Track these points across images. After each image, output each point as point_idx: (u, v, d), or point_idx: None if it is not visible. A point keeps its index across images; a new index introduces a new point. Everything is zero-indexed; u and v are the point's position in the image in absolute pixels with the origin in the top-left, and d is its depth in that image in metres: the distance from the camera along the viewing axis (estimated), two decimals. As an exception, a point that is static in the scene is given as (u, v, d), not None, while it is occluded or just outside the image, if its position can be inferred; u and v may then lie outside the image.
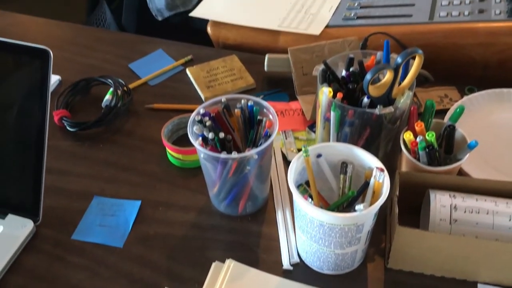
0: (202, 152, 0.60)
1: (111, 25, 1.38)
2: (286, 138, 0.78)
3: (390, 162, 0.70)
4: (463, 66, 0.86)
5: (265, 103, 0.65)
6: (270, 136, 0.61)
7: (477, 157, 0.68)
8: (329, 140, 0.68)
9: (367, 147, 0.66)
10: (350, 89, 0.66)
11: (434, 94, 0.82)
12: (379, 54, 0.68)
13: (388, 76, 0.62)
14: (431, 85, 0.84)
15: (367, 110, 0.62)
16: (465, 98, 0.77)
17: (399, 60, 0.60)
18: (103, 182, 0.73)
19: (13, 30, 1.03)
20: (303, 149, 0.58)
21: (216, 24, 1.01)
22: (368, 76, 0.60)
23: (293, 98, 0.86)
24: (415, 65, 0.62)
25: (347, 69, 0.69)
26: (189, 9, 1.40)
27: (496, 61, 0.84)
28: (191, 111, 0.65)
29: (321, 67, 0.68)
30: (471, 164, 0.66)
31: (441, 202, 0.57)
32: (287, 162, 0.75)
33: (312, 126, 0.80)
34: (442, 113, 0.76)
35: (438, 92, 0.82)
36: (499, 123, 0.74)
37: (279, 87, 0.88)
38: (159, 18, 1.45)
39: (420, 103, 0.79)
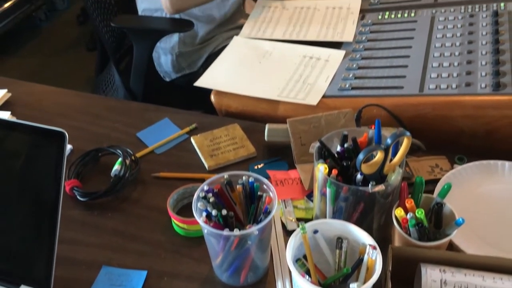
0: (205, 228, 0.64)
1: (119, 88, 1.45)
2: (285, 207, 0.82)
3: (385, 233, 0.74)
4: (452, 136, 0.91)
5: (265, 180, 0.69)
6: (270, 212, 0.65)
7: (467, 229, 0.71)
8: (326, 212, 0.72)
9: (361, 219, 0.70)
10: (344, 166, 0.70)
11: (425, 164, 0.86)
12: (371, 132, 0.73)
13: (379, 155, 0.67)
14: (423, 154, 0.89)
15: (360, 188, 0.67)
16: (454, 170, 0.81)
17: (389, 141, 0.65)
18: (111, 252, 0.77)
19: (28, 99, 1.09)
20: (300, 226, 0.62)
21: (219, 93, 1.06)
22: (361, 156, 0.65)
23: (292, 166, 0.90)
24: (404, 146, 0.67)
25: (342, 145, 0.74)
26: (194, 71, 1.48)
27: (484, 132, 0.89)
28: (195, 180, 0.70)
29: (317, 144, 0.73)
30: (461, 237, 0.70)
31: (431, 277, 0.60)
32: (286, 232, 0.79)
33: (310, 195, 0.84)
34: (433, 182, 0.80)
35: (429, 162, 0.86)
36: (488, 194, 0.78)
37: (279, 155, 0.93)
38: (167, 79, 1.53)
39: (412, 173, 0.84)
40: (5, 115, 1.01)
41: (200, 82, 1.09)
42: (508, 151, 0.85)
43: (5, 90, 1.07)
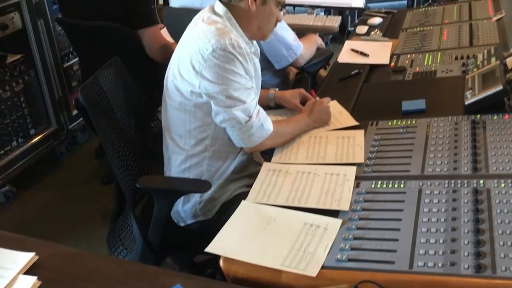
0: None
1: (136, 238, 1.56)
2: None
3: None
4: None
5: None
6: None
7: None
8: None
9: None
10: None
11: None
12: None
13: None
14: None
15: None
16: None
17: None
18: None
19: (54, 261, 1.19)
20: None
21: (228, 259, 1.17)
22: None
23: None
24: None
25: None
26: (209, 218, 1.60)
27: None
28: None
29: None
30: None
31: None
32: None
33: None
34: None
35: None
36: None
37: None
38: (182, 224, 1.65)
39: None
40: (32, 280, 1.10)
41: (211, 248, 1.19)
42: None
43: (32, 254, 1.18)
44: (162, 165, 1.70)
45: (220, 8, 1.49)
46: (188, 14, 2.04)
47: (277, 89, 1.85)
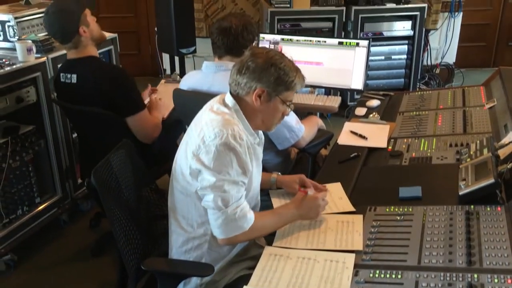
0: None
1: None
2: None
3: None
4: None
5: None
6: None
7: None
8: None
9: None
10: None
11: None
12: None
13: None
14: None
15: None
16: None
17: None
18: None
19: None
20: None
21: None
22: None
23: None
24: None
25: None
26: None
27: None
28: None
29: None
30: None
31: None
32: None
33: None
34: None
35: None
36: None
37: None
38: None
39: None
40: None
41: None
42: None
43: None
44: (167, 242, 1.74)
45: (229, 100, 1.60)
46: (196, 97, 2.17)
47: (279, 173, 1.92)
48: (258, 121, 1.62)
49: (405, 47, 4.45)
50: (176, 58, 4.29)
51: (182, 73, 4.27)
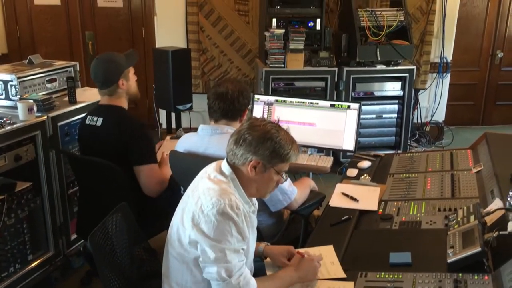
0: None
1: None
2: None
3: None
4: None
5: None
6: None
7: None
8: None
9: None
10: None
11: None
12: None
13: None
14: None
15: None
16: None
17: None
18: None
19: None
20: None
21: None
22: None
23: None
24: None
25: None
26: None
27: None
28: None
29: None
30: None
31: None
32: None
33: None
34: None
35: None
36: None
37: None
38: None
39: None
40: None
41: None
42: None
43: None
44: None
45: (226, 168, 1.65)
46: (193, 159, 2.23)
47: (268, 243, 1.96)
48: (253, 189, 1.67)
49: (396, 106, 4.58)
50: (173, 113, 4.39)
51: (178, 127, 4.37)
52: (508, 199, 1.90)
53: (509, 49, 5.59)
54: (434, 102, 5.25)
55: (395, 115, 4.60)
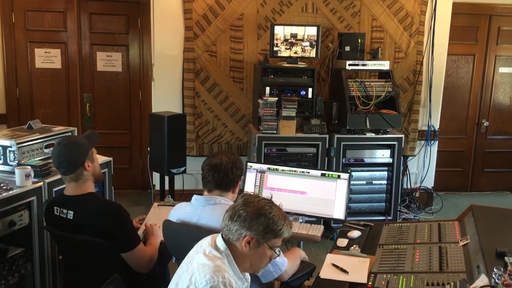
0: None
1: None
2: None
3: None
4: None
5: None
6: None
7: None
8: None
9: None
10: None
11: None
12: None
13: None
14: None
15: None
16: None
17: None
18: None
19: None
20: None
21: None
22: None
23: None
24: None
25: None
26: None
27: None
28: None
29: None
30: None
31: None
32: None
33: None
34: None
35: None
36: None
37: None
38: None
39: None
40: None
41: None
42: None
43: None
44: None
45: (221, 243, 1.70)
46: (186, 229, 2.27)
47: None
48: (247, 265, 1.71)
49: (385, 173, 4.68)
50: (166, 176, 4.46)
51: (171, 190, 4.42)
52: (493, 276, 1.95)
53: (494, 118, 5.80)
54: (423, 168, 5.36)
55: (385, 182, 4.69)
